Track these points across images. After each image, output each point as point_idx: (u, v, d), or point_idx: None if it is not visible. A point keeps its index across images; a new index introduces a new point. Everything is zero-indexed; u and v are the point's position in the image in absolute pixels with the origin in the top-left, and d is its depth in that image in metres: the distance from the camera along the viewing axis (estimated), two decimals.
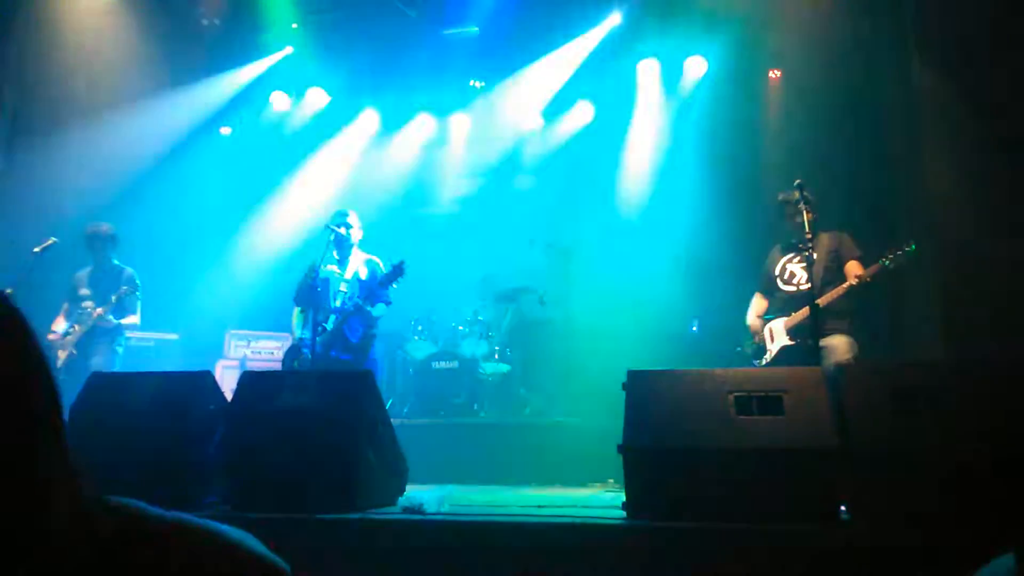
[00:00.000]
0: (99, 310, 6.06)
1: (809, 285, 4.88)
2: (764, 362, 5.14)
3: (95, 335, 6.15)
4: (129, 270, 6.35)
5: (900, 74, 6.66)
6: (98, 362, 6.03)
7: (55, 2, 7.57)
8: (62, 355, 6.04)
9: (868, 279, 4.77)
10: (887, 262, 4.73)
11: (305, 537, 3.24)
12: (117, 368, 6.15)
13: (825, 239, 5.02)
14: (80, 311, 6.18)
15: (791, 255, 5.28)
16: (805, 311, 4.88)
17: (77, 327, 6.11)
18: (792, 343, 5.03)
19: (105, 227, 6.41)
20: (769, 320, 5.24)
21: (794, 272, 5.22)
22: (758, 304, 5.42)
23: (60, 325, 6.22)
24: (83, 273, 6.38)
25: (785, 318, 5.11)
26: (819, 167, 6.62)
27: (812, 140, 7.25)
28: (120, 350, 6.29)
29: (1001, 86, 5.54)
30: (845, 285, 4.82)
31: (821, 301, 4.63)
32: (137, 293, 6.25)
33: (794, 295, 5.14)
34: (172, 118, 8.46)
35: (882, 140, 7.12)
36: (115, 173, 7.83)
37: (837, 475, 3.09)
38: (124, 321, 6.26)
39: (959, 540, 2.71)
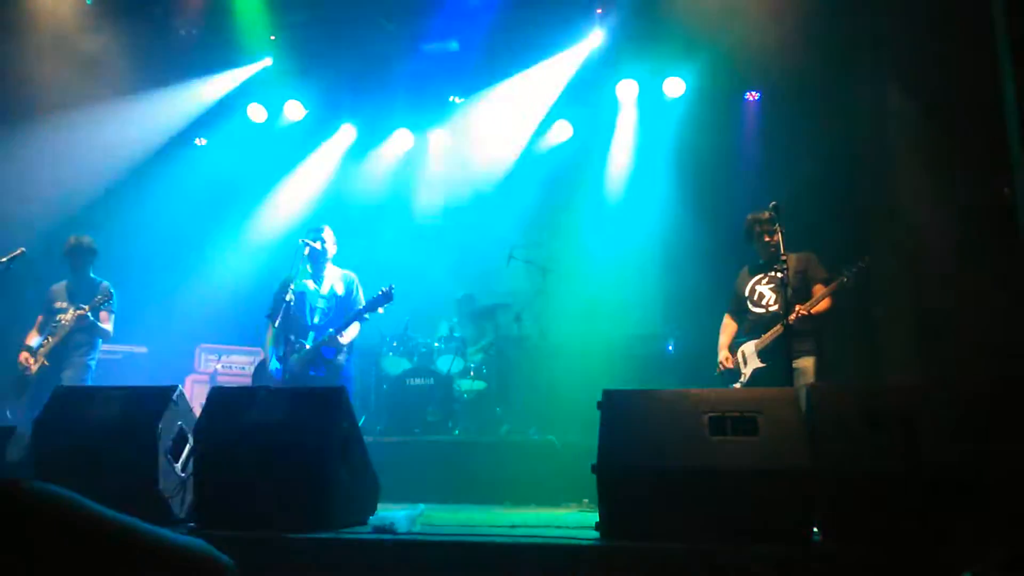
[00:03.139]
0: (82, 309, 5.96)
1: (778, 306, 4.93)
2: (740, 384, 5.17)
3: (69, 347, 6.05)
4: (105, 283, 6.27)
5: (874, 97, 6.78)
6: (70, 375, 5.95)
7: (28, 7, 7.48)
8: (34, 367, 5.94)
9: (813, 310, 4.88)
10: (846, 280, 4.85)
11: (275, 556, 3.19)
12: (89, 382, 6.06)
13: (793, 260, 5.07)
14: (55, 324, 6.09)
15: (760, 276, 5.33)
16: (774, 332, 4.95)
17: (51, 339, 6.02)
18: (763, 365, 5.06)
19: (86, 240, 6.35)
20: (740, 343, 5.27)
21: (763, 293, 5.27)
22: (728, 327, 5.46)
23: (34, 339, 6.13)
24: (59, 287, 6.30)
25: (755, 340, 5.15)
26: (795, 188, 6.69)
27: (788, 161, 7.34)
28: (93, 364, 6.20)
29: (970, 107, 5.64)
30: (794, 314, 4.83)
31: (789, 320, 4.67)
32: (111, 304, 6.16)
33: (763, 316, 5.19)
34: (147, 128, 8.37)
35: (857, 162, 7.22)
36: (87, 182, 7.73)
37: (810, 496, 3.10)
38: (103, 325, 6.15)
39: (928, 560, 2.71)
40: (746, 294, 5.35)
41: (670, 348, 7.38)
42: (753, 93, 8.14)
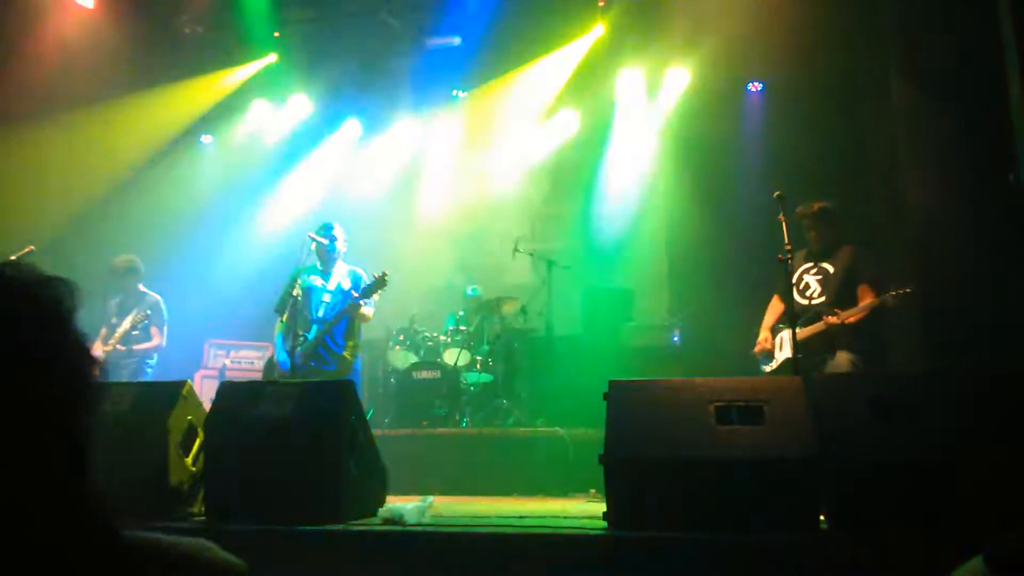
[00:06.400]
0: (115, 336, 6.18)
1: (822, 299, 4.97)
2: (771, 368, 5.20)
3: (125, 357, 6.29)
4: (152, 296, 6.46)
5: (878, 87, 6.76)
6: (127, 378, 6.15)
7: (35, 8, 7.51)
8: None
9: (848, 320, 4.91)
10: (888, 302, 4.89)
11: (285, 549, 3.22)
12: None
13: (845, 254, 5.08)
14: (111, 337, 6.30)
15: (809, 265, 5.32)
16: (813, 328, 5.01)
17: (107, 347, 6.23)
18: (796, 356, 5.05)
19: (123, 261, 6.54)
20: (780, 328, 5.28)
21: (809, 284, 5.26)
22: (775, 307, 5.47)
23: (98, 350, 6.26)
24: (115, 301, 6.53)
25: (797, 330, 5.12)
26: (799, 179, 6.67)
27: (791, 152, 7.32)
28: (149, 371, 6.45)
29: (975, 100, 5.63)
30: (821, 324, 4.99)
31: (829, 320, 4.85)
32: (160, 318, 6.43)
33: (805, 309, 5.18)
34: (153, 126, 8.41)
35: (861, 153, 7.20)
36: (94, 181, 7.76)
37: (817, 484, 3.11)
38: (143, 346, 6.40)
39: (934, 546, 2.73)
40: (794, 280, 5.32)
41: (675, 339, 7.39)
42: (756, 84, 8.12)
